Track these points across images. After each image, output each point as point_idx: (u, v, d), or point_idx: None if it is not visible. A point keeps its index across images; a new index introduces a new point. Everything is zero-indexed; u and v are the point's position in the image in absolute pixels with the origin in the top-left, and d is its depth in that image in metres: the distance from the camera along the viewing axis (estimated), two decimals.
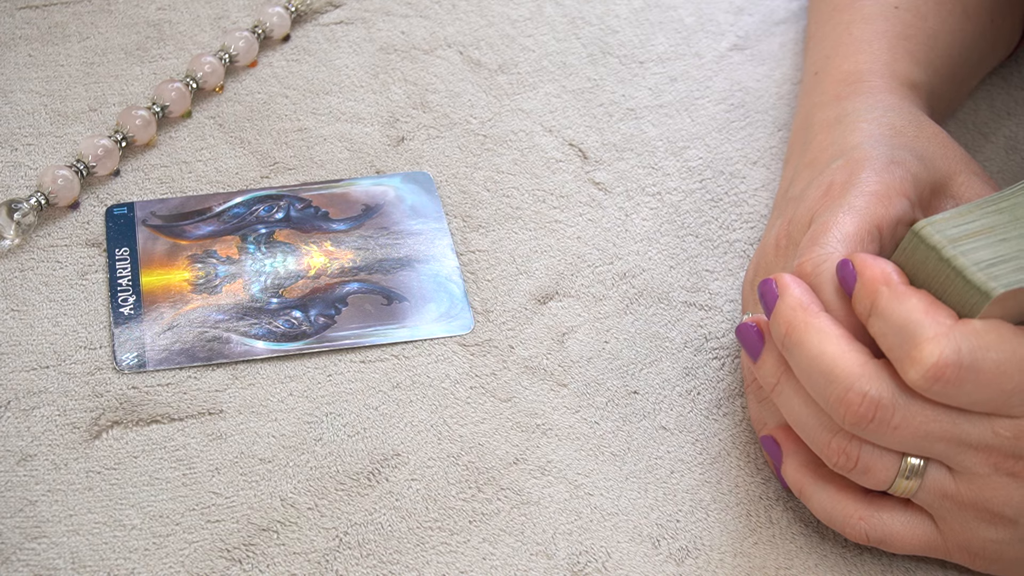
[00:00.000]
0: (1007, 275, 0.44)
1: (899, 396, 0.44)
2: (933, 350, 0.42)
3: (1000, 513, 0.44)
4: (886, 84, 0.55)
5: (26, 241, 0.59)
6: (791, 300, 0.46)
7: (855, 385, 0.44)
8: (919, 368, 0.43)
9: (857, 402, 0.44)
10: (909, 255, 0.46)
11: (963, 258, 0.44)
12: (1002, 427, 0.43)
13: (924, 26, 0.59)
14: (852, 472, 0.46)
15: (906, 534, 0.47)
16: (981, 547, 0.46)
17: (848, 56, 0.57)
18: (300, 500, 0.51)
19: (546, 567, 0.49)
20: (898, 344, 0.44)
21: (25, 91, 0.65)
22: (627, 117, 0.66)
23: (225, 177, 0.62)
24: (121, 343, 0.55)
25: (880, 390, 0.44)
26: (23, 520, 0.49)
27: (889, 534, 0.47)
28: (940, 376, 0.42)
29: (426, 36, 0.69)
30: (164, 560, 0.49)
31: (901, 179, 0.49)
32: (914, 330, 0.43)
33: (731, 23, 0.71)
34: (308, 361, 0.55)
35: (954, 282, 0.44)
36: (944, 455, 0.44)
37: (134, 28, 0.68)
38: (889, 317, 0.44)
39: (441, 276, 0.58)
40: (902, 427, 0.44)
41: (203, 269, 0.58)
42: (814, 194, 0.50)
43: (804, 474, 0.48)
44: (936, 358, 0.42)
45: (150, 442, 0.52)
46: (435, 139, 0.64)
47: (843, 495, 0.47)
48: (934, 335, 0.43)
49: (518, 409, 0.54)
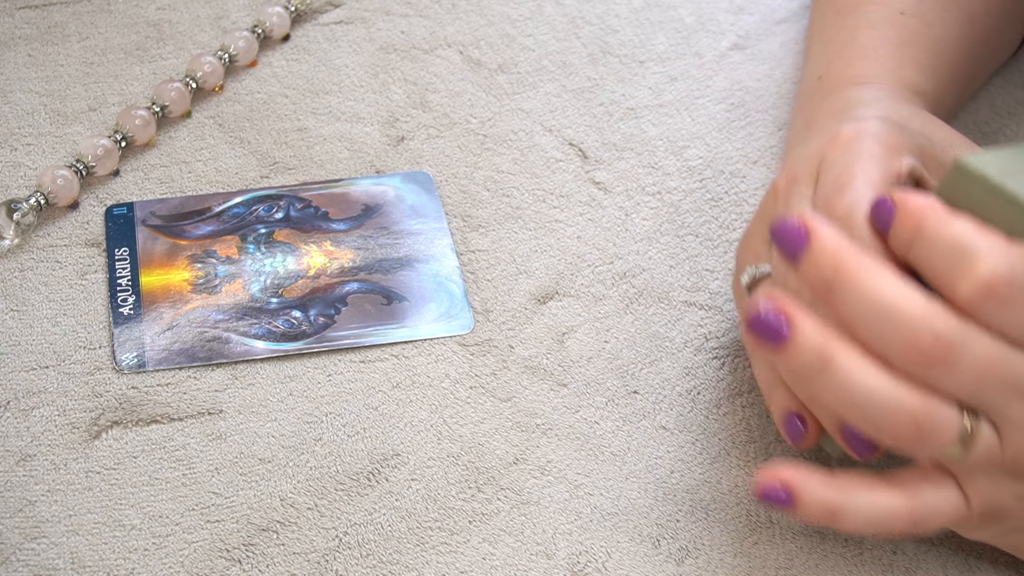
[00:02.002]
0: None
1: (968, 332, 0.42)
2: (987, 265, 0.41)
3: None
4: (891, 90, 0.55)
5: (26, 241, 0.59)
6: (833, 239, 0.43)
7: (925, 324, 0.41)
8: (972, 283, 0.41)
9: (929, 341, 0.41)
10: (952, 190, 0.44)
11: (1012, 183, 0.42)
12: None
13: (929, 32, 0.58)
14: (916, 441, 0.43)
15: (943, 511, 0.44)
16: (1002, 507, 0.44)
17: (852, 61, 0.57)
18: (300, 500, 0.50)
19: (546, 567, 0.49)
20: (948, 263, 0.42)
21: (25, 91, 0.65)
22: (627, 117, 0.66)
23: (225, 177, 0.62)
24: (121, 343, 0.55)
25: (949, 327, 0.41)
26: (23, 520, 0.49)
27: (929, 519, 0.44)
28: (993, 292, 0.41)
29: (426, 36, 0.69)
30: (164, 560, 0.48)
31: (910, 139, 0.49)
32: (966, 247, 0.41)
33: (731, 22, 0.71)
34: (308, 361, 0.55)
35: (1004, 209, 0.43)
36: (998, 405, 0.42)
37: (134, 28, 0.68)
38: (937, 237, 0.42)
39: (441, 276, 0.58)
40: (970, 366, 0.42)
41: (203, 269, 0.58)
42: (819, 141, 0.49)
43: (834, 489, 0.44)
44: (991, 273, 0.41)
45: (150, 442, 0.52)
46: (435, 139, 0.64)
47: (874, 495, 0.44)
48: (987, 251, 0.41)
49: (518, 409, 0.54)
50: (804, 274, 0.43)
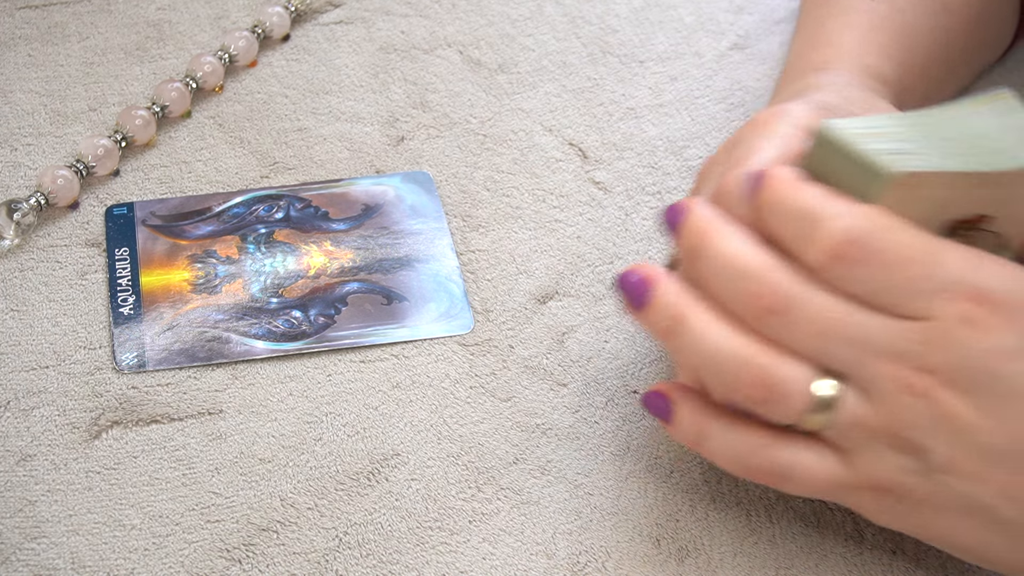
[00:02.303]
0: (909, 163, 0.43)
1: (806, 288, 0.43)
2: (834, 227, 0.42)
3: (909, 438, 0.43)
4: (851, 76, 0.55)
5: (26, 241, 0.59)
6: (701, 212, 0.45)
7: (765, 276, 0.43)
8: (819, 246, 0.42)
9: (768, 293, 0.43)
10: (815, 159, 0.45)
11: (864, 146, 0.43)
12: (909, 331, 0.42)
13: (900, 19, 0.58)
14: (767, 402, 0.44)
15: (813, 469, 0.45)
16: (890, 481, 0.44)
17: (817, 48, 0.57)
18: (300, 500, 0.51)
19: (546, 567, 0.49)
20: (797, 229, 0.43)
21: (25, 91, 0.65)
22: (627, 116, 0.66)
23: (225, 177, 0.62)
24: (121, 343, 0.55)
25: (789, 282, 0.43)
26: (23, 520, 0.49)
27: (794, 468, 0.45)
28: (842, 254, 0.42)
29: (426, 36, 0.69)
30: (164, 560, 0.48)
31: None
32: (813, 212, 0.42)
33: (731, 22, 0.71)
34: (308, 361, 0.55)
35: (858, 173, 0.43)
36: (851, 364, 0.43)
37: (134, 28, 0.68)
38: (786, 205, 0.43)
39: (441, 276, 0.58)
40: (809, 319, 0.43)
41: (203, 269, 0.58)
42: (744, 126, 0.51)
43: (701, 416, 0.46)
44: (838, 236, 0.42)
45: (150, 442, 0.52)
46: (435, 139, 0.64)
47: (746, 429, 0.45)
48: (835, 214, 0.42)
49: (518, 409, 0.54)
50: (680, 246, 0.45)
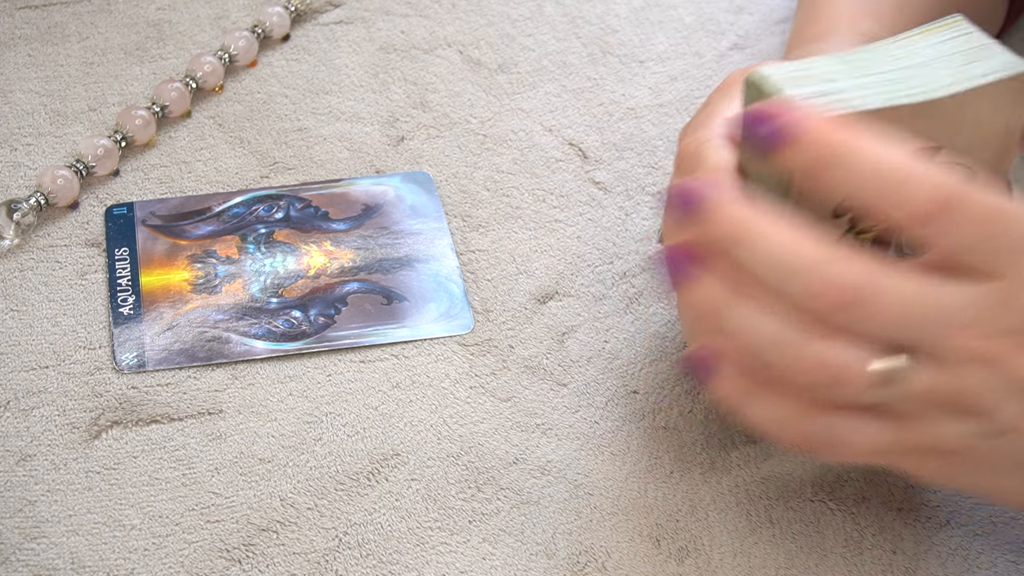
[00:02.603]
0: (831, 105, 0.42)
1: (873, 274, 0.40)
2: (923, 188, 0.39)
3: (975, 404, 0.41)
4: (844, 43, 0.55)
5: (26, 241, 0.59)
6: (731, 196, 0.42)
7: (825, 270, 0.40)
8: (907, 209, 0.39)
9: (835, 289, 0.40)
10: (744, 105, 0.45)
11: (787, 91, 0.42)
12: (985, 294, 0.40)
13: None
14: (829, 385, 0.41)
15: (864, 435, 0.43)
16: (948, 445, 0.42)
17: (816, 22, 0.57)
18: (300, 500, 0.50)
19: (546, 567, 0.49)
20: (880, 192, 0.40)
21: (25, 91, 0.65)
22: (627, 116, 0.66)
23: (225, 177, 0.62)
24: (121, 343, 0.55)
25: (854, 271, 0.40)
26: (23, 520, 0.49)
27: (844, 435, 0.42)
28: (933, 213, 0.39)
29: (426, 36, 0.69)
30: (164, 560, 0.48)
31: None
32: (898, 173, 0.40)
33: (731, 22, 0.71)
34: (308, 361, 0.55)
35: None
36: (921, 339, 0.41)
37: (134, 28, 0.68)
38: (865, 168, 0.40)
39: (441, 276, 0.58)
40: (882, 308, 0.40)
41: (203, 269, 0.58)
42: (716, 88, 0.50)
43: (742, 382, 0.43)
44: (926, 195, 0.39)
45: (150, 442, 0.52)
46: (435, 139, 0.64)
47: (786, 397, 0.43)
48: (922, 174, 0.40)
49: (518, 409, 0.54)
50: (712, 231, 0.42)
